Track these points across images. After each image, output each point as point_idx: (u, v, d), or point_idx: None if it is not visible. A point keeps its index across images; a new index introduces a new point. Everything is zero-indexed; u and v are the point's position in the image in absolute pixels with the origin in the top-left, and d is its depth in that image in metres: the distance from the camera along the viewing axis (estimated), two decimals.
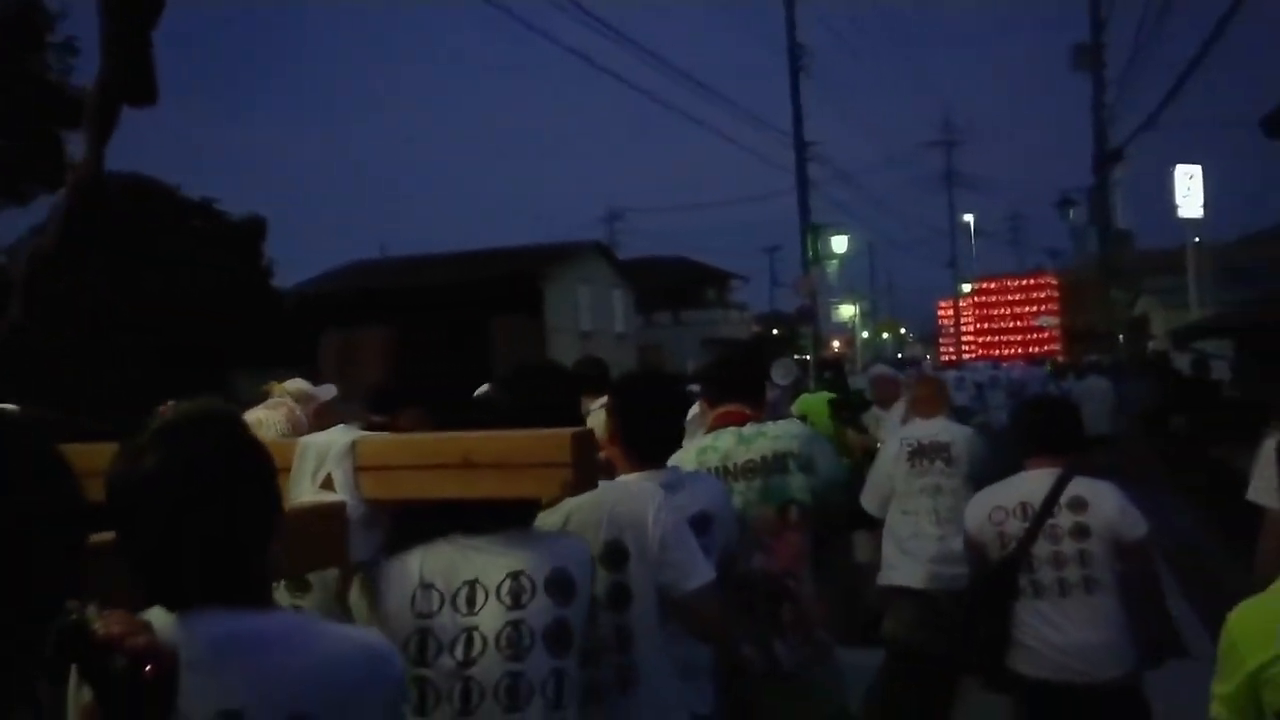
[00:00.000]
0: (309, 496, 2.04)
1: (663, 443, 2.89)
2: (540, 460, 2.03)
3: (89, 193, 2.57)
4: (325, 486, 2.05)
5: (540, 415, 2.17)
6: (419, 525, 2.14)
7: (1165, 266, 27.21)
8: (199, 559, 1.35)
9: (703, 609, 2.51)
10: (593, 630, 2.29)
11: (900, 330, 75.95)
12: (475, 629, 2.06)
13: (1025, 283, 48.84)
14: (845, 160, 49.20)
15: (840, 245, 30.29)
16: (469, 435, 2.09)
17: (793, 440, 3.36)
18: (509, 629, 2.05)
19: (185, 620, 1.32)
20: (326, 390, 3.59)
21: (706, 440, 3.36)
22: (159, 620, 1.28)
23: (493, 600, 2.07)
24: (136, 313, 16.40)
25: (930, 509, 5.59)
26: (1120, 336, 25.61)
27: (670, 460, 2.97)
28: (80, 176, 2.58)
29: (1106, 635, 3.57)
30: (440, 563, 2.10)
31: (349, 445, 2.07)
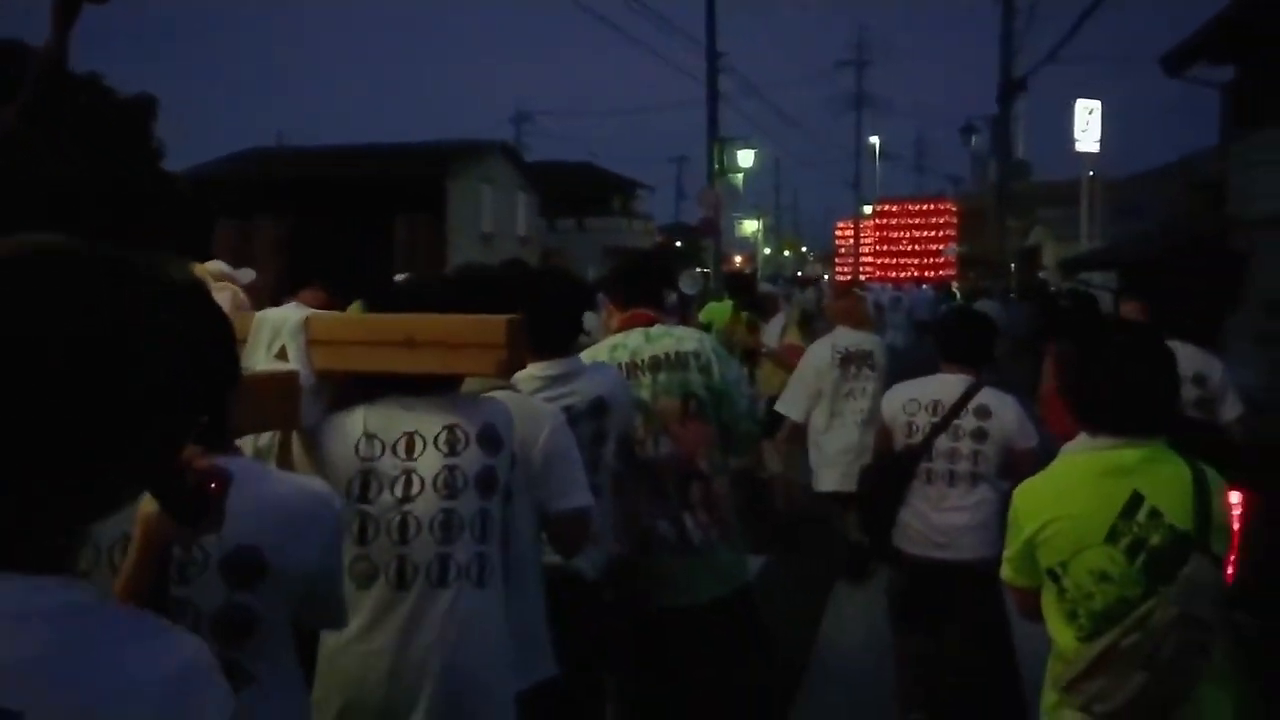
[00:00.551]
0: (264, 366, 2.27)
1: (563, 334, 3.16)
2: (477, 341, 2.32)
3: (51, 78, 2.51)
4: (280, 357, 2.29)
5: (478, 306, 2.42)
6: (362, 392, 2.39)
7: (1059, 198, 27.90)
8: None
9: (570, 530, 2.74)
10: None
11: (801, 248, 76.74)
12: (414, 471, 2.33)
13: (925, 208, 49.56)
14: (756, 74, 48.84)
15: (747, 160, 30.26)
16: (413, 316, 2.33)
17: (695, 342, 3.68)
18: (445, 472, 2.33)
19: None
20: (245, 274, 3.65)
21: (617, 338, 3.64)
22: None
23: (431, 448, 2.35)
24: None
25: (856, 411, 6.17)
26: (1013, 265, 26.26)
27: (585, 355, 3.37)
28: (43, 61, 2.49)
29: (978, 522, 4.06)
30: (381, 418, 2.36)
31: (302, 321, 2.32)
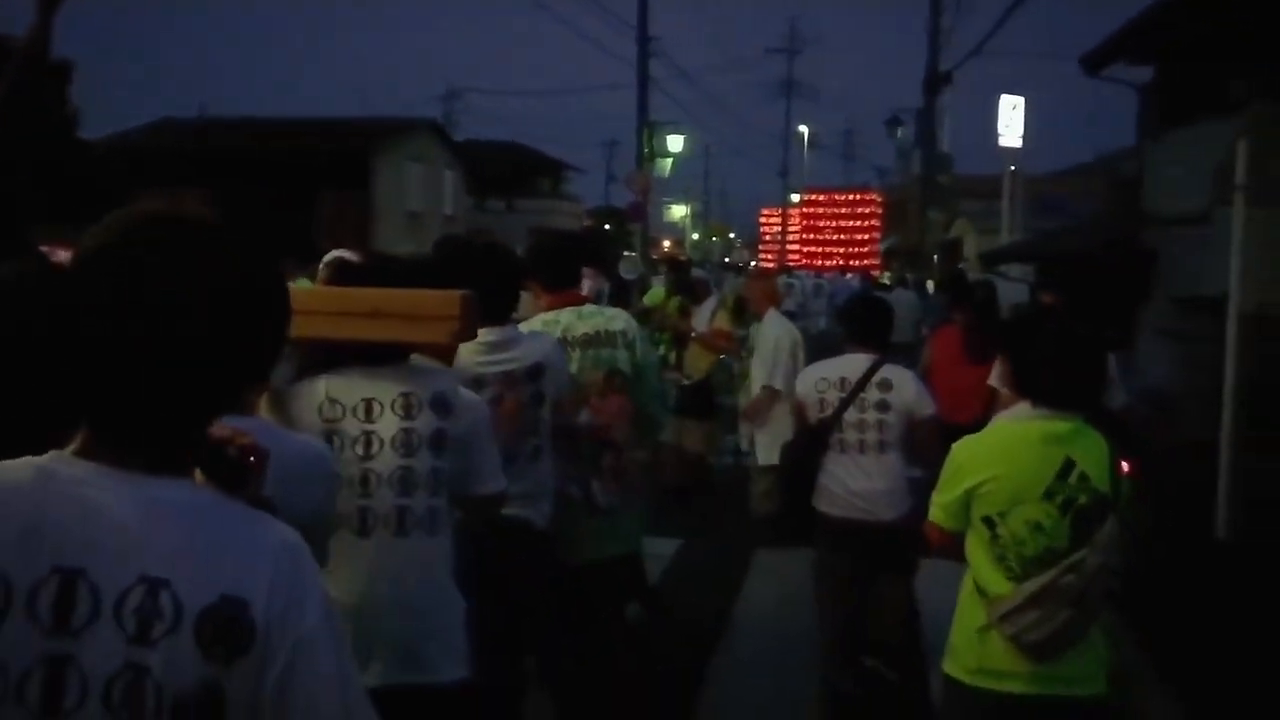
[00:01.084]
0: None
1: (504, 303, 3.40)
2: (435, 314, 2.61)
3: (36, 61, 2.54)
4: None
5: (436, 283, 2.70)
6: (324, 359, 2.63)
7: (982, 192, 28.38)
8: None
9: (486, 510, 2.95)
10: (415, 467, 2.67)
11: (729, 235, 77.11)
12: (374, 433, 2.61)
13: (851, 198, 50.09)
14: (687, 59, 48.89)
15: (676, 145, 30.29)
16: (377, 290, 2.60)
17: (623, 323, 3.99)
18: (402, 434, 2.62)
19: None
20: None
21: (550, 315, 3.88)
22: None
23: (389, 412, 2.62)
24: None
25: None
26: (935, 256, 26.67)
27: (522, 327, 3.64)
28: (28, 44, 2.50)
29: (889, 486, 4.52)
30: (342, 385, 2.63)
31: None
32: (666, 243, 51.27)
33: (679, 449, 8.55)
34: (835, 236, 48.92)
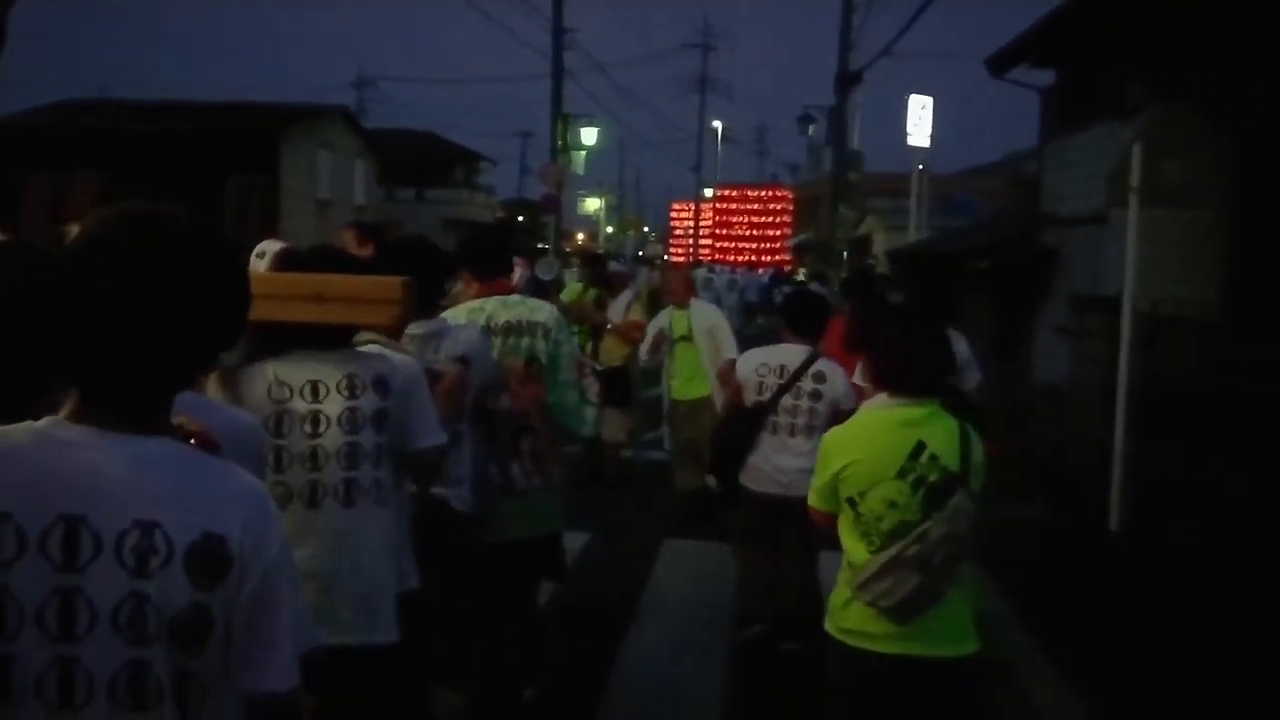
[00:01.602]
0: None
1: (431, 297, 3.58)
2: (377, 298, 2.81)
3: None
4: None
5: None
6: (272, 341, 2.76)
7: (890, 189, 28.87)
8: None
9: (429, 463, 3.12)
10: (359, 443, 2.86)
11: (644, 228, 77.23)
12: (321, 412, 2.81)
13: (763, 194, 50.59)
14: (602, 52, 48.83)
15: (591, 137, 30.19)
16: (322, 275, 2.77)
17: (545, 315, 4.18)
18: (348, 412, 2.81)
19: None
20: None
21: (476, 303, 4.11)
22: None
23: (334, 393, 2.82)
24: None
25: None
26: (845, 253, 27.07)
27: (448, 314, 3.86)
28: None
29: (808, 465, 4.58)
30: (289, 368, 2.80)
31: None
32: (581, 235, 51.19)
33: (595, 437, 8.59)
34: (747, 232, 49.35)
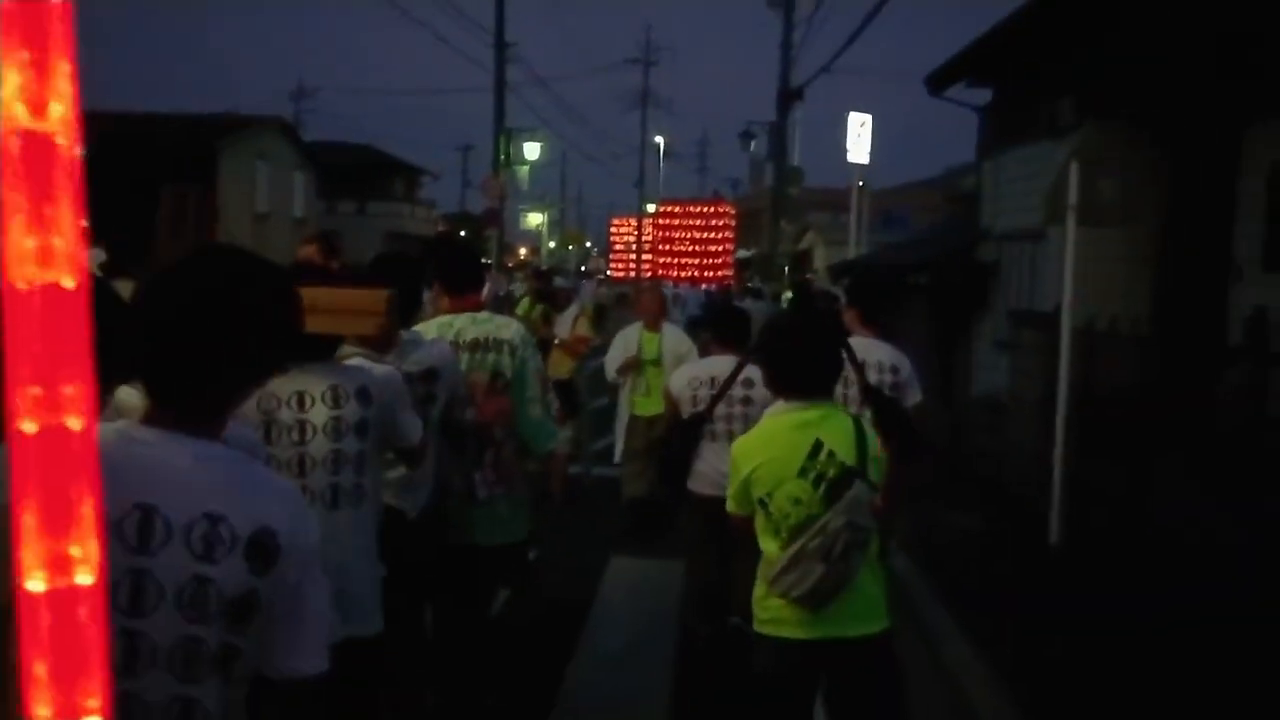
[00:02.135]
0: None
1: (409, 308, 3.80)
2: (363, 309, 3.05)
3: None
4: None
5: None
6: None
7: (829, 204, 29.16)
8: None
9: (413, 454, 3.44)
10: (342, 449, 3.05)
11: (586, 243, 77.23)
12: (307, 421, 2.99)
13: (705, 209, 50.72)
14: (544, 65, 48.85)
15: (533, 152, 30.16)
16: (312, 289, 2.77)
17: (511, 333, 4.37)
18: (332, 421, 3.00)
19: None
20: (96, 255, 3.87)
21: (447, 318, 4.31)
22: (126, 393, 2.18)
23: (319, 403, 3.00)
24: None
25: None
26: (786, 267, 27.28)
27: (420, 328, 4.08)
28: None
29: None
30: (276, 380, 2.79)
31: None
32: (523, 250, 51.06)
33: (561, 460, 8.80)
34: (690, 248, 49.47)
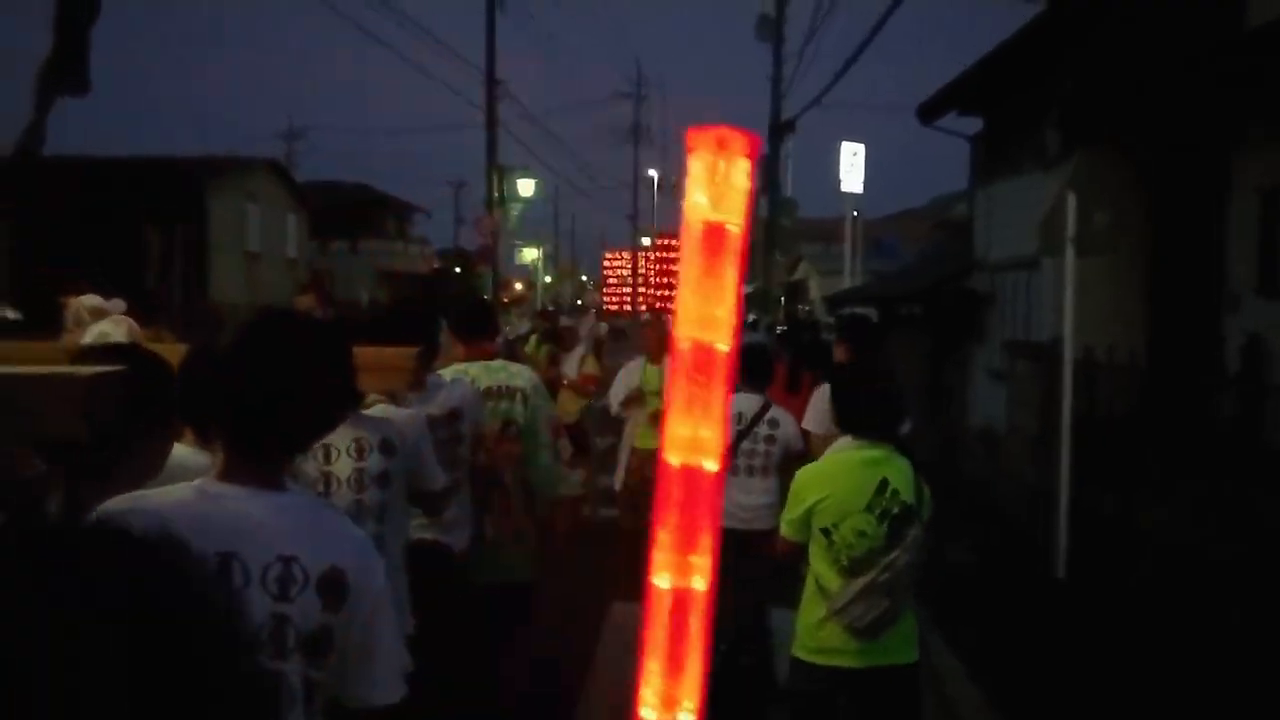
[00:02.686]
0: None
1: (430, 356, 3.96)
2: (393, 365, 3.20)
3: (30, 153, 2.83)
4: None
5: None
6: None
7: (822, 234, 29.12)
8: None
9: (438, 502, 3.63)
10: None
11: (581, 277, 77.28)
12: (332, 473, 3.20)
13: None
14: (535, 101, 49.02)
15: (527, 189, 30.18)
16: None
17: (523, 381, 4.63)
18: (355, 474, 3.21)
19: None
20: (116, 304, 3.90)
21: (462, 366, 4.54)
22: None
23: (344, 456, 3.21)
24: None
25: None
26: (781, 299, 27.21)
27: (440, 374, 4.28)
28: (27, 137, 2.79)
29: (767, 502, 5.47)
30: None
31: None
32: (519, 284, 51.01)
33: (573, 502, 8.72)
34: None
